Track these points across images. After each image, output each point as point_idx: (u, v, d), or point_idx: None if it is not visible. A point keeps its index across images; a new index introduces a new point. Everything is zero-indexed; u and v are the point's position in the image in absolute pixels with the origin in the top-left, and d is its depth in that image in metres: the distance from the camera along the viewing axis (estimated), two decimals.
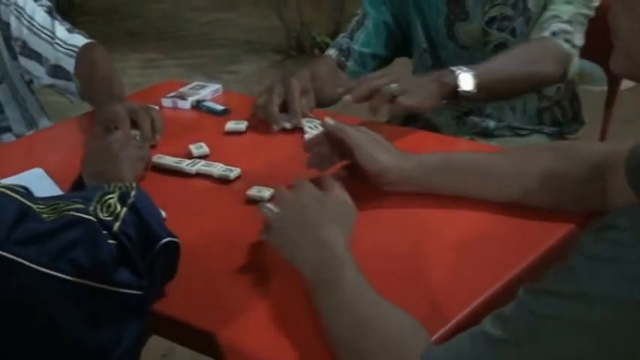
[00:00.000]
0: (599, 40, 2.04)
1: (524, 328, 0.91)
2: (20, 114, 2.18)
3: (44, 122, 2.23)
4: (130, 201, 1.10)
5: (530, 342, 0.90)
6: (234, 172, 1.55)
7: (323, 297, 1.15)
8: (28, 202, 0.96)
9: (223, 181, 1.56)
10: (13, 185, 1.00)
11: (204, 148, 1.68)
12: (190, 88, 2.02)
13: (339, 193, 1.33)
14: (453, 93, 1.74)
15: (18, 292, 0.92)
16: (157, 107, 1.83)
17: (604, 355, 0.85)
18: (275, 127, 1.76)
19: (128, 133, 1.67)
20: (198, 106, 1.95)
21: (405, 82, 1.70)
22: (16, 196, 0.96)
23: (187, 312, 1.19)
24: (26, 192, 1.01)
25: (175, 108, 1.96)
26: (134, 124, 1.71)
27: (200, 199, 1.54)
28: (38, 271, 0.92)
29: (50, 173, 1.62)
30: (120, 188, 1.15)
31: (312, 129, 1.74)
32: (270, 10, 4.97)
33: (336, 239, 1.21)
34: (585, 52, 2.06)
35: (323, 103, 1.91)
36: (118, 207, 1.08)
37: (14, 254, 0.90)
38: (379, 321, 1.09)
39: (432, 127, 2.04)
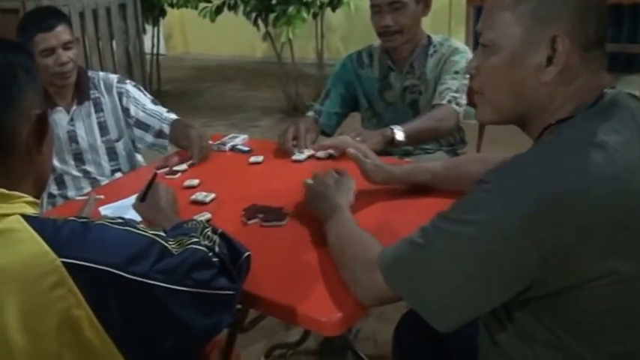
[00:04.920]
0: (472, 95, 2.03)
1: (433, 237, 0.90)
2: (127, 160, 2.13)
3: (141, 164, 2.17)
4: (219, 231, 1.01)
5: (435, 244, 0.89)
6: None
7: (329, 229, 1.18)
8: (165, 244, 0.87)
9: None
10: (158, 231, 0.90)
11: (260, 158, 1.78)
12: (229, 138, 1.98)
13: (344, 175, 1.35)
14: (392, 141, 1.78)
15: (157, 302, 0.85)
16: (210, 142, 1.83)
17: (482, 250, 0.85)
18: (292, 156, 1.77)
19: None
20: (233, 148, 1.92)
21: (364, 136, 1.74)
22: (160, 240, 0.87)
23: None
24: (164, 232, 0.92)
25: (220, 150, 1.92)
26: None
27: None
28: (171, 288, 0.85)
29: None
30: (200, 222, 1.05)
31: (302, 154, 1.78)
32: (278, 89, 4.92)
33: (339, 201, 1.24)
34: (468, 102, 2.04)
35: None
36: (214, 236, 0.99)
37: (156, 280, 0.83)
38: (357, 238, 1.10)
39: (386, 153, 1.97)
